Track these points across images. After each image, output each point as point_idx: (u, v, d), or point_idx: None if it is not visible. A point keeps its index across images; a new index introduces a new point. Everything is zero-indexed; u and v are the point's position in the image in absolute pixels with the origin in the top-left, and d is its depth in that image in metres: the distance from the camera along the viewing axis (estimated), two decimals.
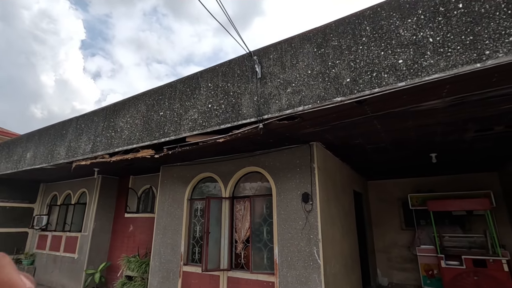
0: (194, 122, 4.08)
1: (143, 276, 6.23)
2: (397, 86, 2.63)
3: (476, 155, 5.64)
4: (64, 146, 6.09)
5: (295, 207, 4.47)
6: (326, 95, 3.02)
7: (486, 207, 5.95)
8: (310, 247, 4.18)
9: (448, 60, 2.41)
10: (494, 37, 2.26)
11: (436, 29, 2.52)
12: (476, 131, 4.19)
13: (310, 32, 3.34)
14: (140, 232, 7.27)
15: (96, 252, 7.55)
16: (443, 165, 6.38)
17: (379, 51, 2.79)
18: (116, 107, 5.38)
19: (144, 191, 7.66)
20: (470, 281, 5.55)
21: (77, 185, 8.62)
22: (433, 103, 3.07)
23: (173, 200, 5.96)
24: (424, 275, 6.59)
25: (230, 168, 5.39)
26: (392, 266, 8.06)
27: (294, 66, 3.35)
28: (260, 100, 3.50)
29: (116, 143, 5.05)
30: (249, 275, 4.66)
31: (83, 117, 6.00)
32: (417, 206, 7.30)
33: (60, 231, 8.37)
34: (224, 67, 4.01)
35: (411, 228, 7.80)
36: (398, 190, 8.39)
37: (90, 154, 5.41)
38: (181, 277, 5.35)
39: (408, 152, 5.39)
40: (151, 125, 4.62)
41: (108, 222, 7.95)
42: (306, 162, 4.57)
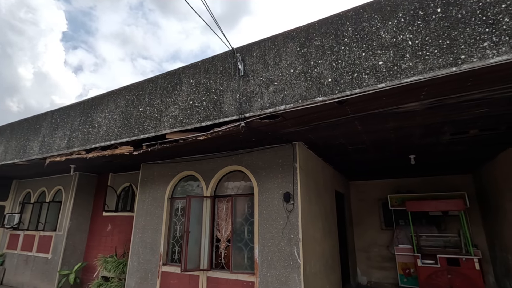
0: (174, 118, 3.98)
1: (120, 276, 6.05)
2: (377, 87, 2.65)
3: (452, 157, 5.84)
4: (38, 141, 5.81)
5: (277, 207, 4.46)
6: (308, 95, 3.02)
7: (460, 208, 6.17)
8: (290, 247, 4.18)
9: (426, 63, 2.46)
10: (469, 42, 2.32)
11: (415, 32, 2.57)
12: (452, 134, 4.33)
13: (293, 31, 3.33)
14: (119, 232, 7.06)
15: (71, 252, 7.27)
16: (421, 166, 6.56)
17: (361, 52, 2.81)
18: (94, 102, 5.18)
19: (124, 189, 7.43)
20: (444, 279, 5.75)
21: (52, 182, 8.26)
22: (411, 105, 3.13)
23: (153, 199, 5.81)
24: (401, 273, 6.76)
25: (212, 166, 5.31)
26: (371, 265, 8.23)
27: (277, 65, 3.33)
28: (242, 98, 3.46)
29: (94, 139, 4.86)
30: (229, 275, 4.61)
31: (59, 111, 5.75)
32: (396, 207, 7.48)
33: (33, 230, 7.98)
34: (207, 64, 3.94)
35: (390, 228, 7.99)
36: (378, 190, 8.58)
37: (65, 150, 5.19)
38: (159, 277, 5.23)
39: (388, 153, 5.51)
40: (131, 121, 4.48)
41: (85, 221, 7.67)
42: (289, 162, 4.56)
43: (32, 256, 7.71)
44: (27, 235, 8.12)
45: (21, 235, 8.25)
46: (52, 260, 7.21)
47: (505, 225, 5.62)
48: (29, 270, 7.62)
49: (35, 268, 7.51)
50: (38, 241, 7.77)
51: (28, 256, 7.79)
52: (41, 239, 7.74)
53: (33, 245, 7.82)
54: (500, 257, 6.12)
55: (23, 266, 7.81)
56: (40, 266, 7.42)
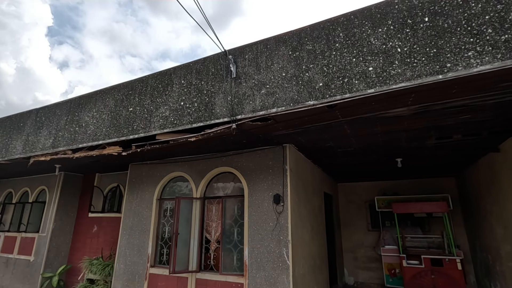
0: (165, 119, 3.94)
1: (107, 279, 5.93)
2: (366, 92, 2.71)
3: (436, 161, 6.01)
4: (21, 139, 5.63)
5: (267, 208, 4.48)
6: (299, 98, 3.05)
7: (444, 210, 6.36)
8: (279, 248, 4.21)
9: (414, 70, 2.53)
10: (455, 51, 2.41)
11: (404, 40, 2.64)
12: (437, 138, 4.46)
13: (286, 35, 3.36)
14: (105, 233, 6.91)
15: (55, 254, 7.06)
16: (407, 169, 6.73)
17: (351, 58, 2.87)
18: (82, 100, 5.07)
19: (111, 189, 7.29)
20: (428, 279, 5.91)
21: (36, 182, 8.01)
22: (399, 111, 3.21)
23: (141, 200, 5.73)
24: (387, 274, 6.91)
25: (202, 167, 5.29)
26: (358, 266, 8.36)
27: (269, 68, 3.35)
28: (234, 100, 3.46)
29: (80, 138, 4.75)
30: (218, 276, 4.59)
31: (44, 110, 5.59)
32: (383, 208, 7.64)
33: (14, 231, 7.71)
34: (199, 65, 3.92)
35: (377, 229, 8.15)
36: (366, 192, 8.73)
37: (50, 149, 5.05)
38: (147, 279, 5.15)
39: (375, 156, 5.62)
40: (119, 121, 4.40)
41: (69, 222, 7.47)
42: (279, 164, 4.59)
43: (13, 258, 7.45)
44: (7, 237, 7.84)
45: (1, 236, 7.96)
46: (35, 263, 6.99)
47: (486, 227, 5.84)
48: (10, 273, 7.35)
49: (16, 270, 7.26)
50: (20, 242, 7.52)
51: (9, 259, 7.52)
52: (23, 241, 7.48)
53: (14, 247, 7.56)
54: (480, 257, 6.35)
55: (3, 269, 7.53)
56: (22, 268, 7.17)
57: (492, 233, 5.56)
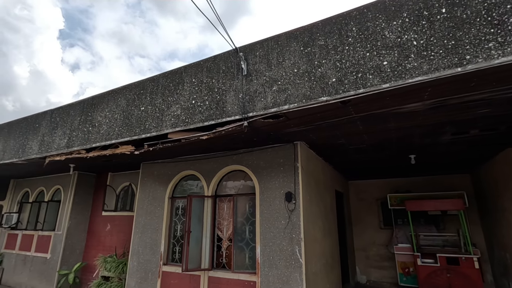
0: (176, 118, 3.96)
1: (121, 276, 6.02)
2: (381, 87, 2.65)
3: (451, 157, 5.86)
4: (37, 140, 5.76)
5: (278, 206, 4.46)
6: (311, 94, 3.01)
7: (460, 207, 6.21)
8: (292, 246, 4.19)
9: (431, 64, 2.46)
10: (474, 43, 2.33)
11: (420, 32, 2.57)
12: (453, 134, 4.34)
13: (297, 31, 3.32)
14: (118, 231, 7.02)
15: (70, 252, 7.22)
16: (420, 166, 6.59)
17: (365, 52, 2.81)
18: (94, 101, 5.15)
19: (123, 188, 7.40)
20: (443, 278, 5.78)
21: (51, 181, 8.20)
22: (414, 106, 3.14)
23: (154, 198, 5.79)
24: (401, 272, 6.80)
25: (213, 166, 5.30)
26: (370, 264, 8.26)
27: (280, 64, 3.32)
28: (245, 97, 3.45)
29: (94, 138, 4.83)
30: (230, 274, 4.61)
31: (58, 110, 5.70)
32: (395, 206, 7.51)
33: (31, 230, 7.93)
34: (209, 63, 3.92)
35: (389, 227, 8.03)
36: (377, 190, 8.61)
37: (65, 149, 5.15)
38: (160, 277, 5.21)
39: (388, 153, 5.52)
40: (132, 121, 4.45)
41: (84, 220, 7.63)
42: (290, 162, 4.56)
43: (30, 256, 7.66)
44: (25, 235, 8.06)
45: (19, 234, 8.19)
46: (51, 260, 7.16)
47: (504, 225, 5.67)
48: (28, 270, 7.57)
49: (34, 268, 7.46)
50: (37, 240, 7.72)
51: (27, 256, 7.74)
52: (39, 239, 7.68)
53: (31, 245, 7.77)
54: (498, 256, 6.17)
55: (21, 266, 7.75)
56: (39, 266, 7.36)
57: (510, 231, 5.40)
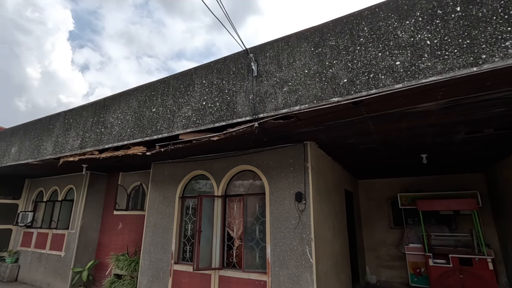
0: (187, 119, 4.00)
1: (133, 274, 6.13)
2: (394, 87, 2.63)
3: (464, 156, 5.76)
4: (51, 141, 5.90)
5: (288, 206, 4.47)
6: (323, 95, 3.01)
7: (473, 207, 6.10)
8: (302, 246, 4.19)
9: (445, 63, 2.42)
10: (490, 42, 2.28)
11: (434, 31, 2.53)
12: (467, 133, 4.27)
13: (307, 31, 3.31)
14: (130, 230, 7.14)
15: (83, 250, 7.39)
16: (431, 165, 6.50)
17: (377, 52, 2.79)
18: (106, 102, 5.24)
19: (134, 188, 7.51)
20: (456, 279, 5.70)
21: (64, 181, 8.38)
22: (427, 105, 3.10)
23: (164, 198, 5.87)
24: (412, 273, 6.73)
25: (223, 166, 5.34)
26: (380, 264, 8.19)
27: (291, 65, 3.32)
28: (256, 98, 3.46)
29: (106, 139, 4.92)
30: (241, 274, 4.64)
31: (71, 112, 5.82)
32: (406, 205, 7.42)
33: (46, 228, 8.14)
34: (219, 64, 3.94)
35: (400, 227, 7.94)
36: (387, 189, 8.52)
37: (78, 150, 5.26)
38: (171, 276, 5.29)
39: (399, 152, 5.46)
40: (143, 122, 4.51)
41: (96, 219, 7.78)
42: (300, 162, 4.56)
43: (45, 253, 7.86)
44: (40, 233, 8.28)
45: (35, 233, 8.42)
46: (65, 258, 7.34)
47: None
48: (43, 267, 7.77)
49: (49, 265, 7.65)
50: (51, 239, 7.92)
51: (42, 254, 7.94)
52: (54, 237, 7.88)
53: (46, 243, 7.97)
54: None
55: (36, 264, 7.97)
56: (53, 263, 7.56)
57: None
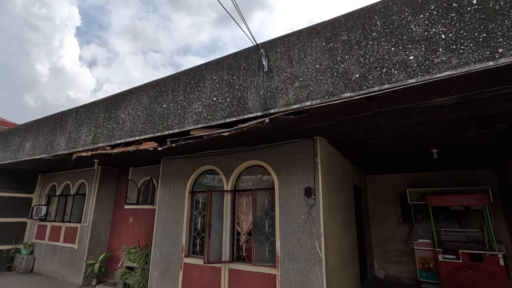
0: (198, 115, 4.04)
1: (144, 267, 6.27)
2: (407, 83, 2.61)
3: (475, 151, 5.69)
4: (64, 137, 6.02)
5: (298, 201, 4.50)
6: (334, 91, 3.00)
7: (484, 203, 6.03)
8: (312, 241, 4.23)
9: (460, 58, 2.40)
10: (508, 35, 2.25)
11: (449, 25, 2.50)
12: (479, 128, 4.22)
13: (318, 26, 3.30)
14: (140, 224, 7.29)
15: (96, 243, 7.57)
16: (442, 160, 6.43)
17: (390, 47, 2.77)
18: (118, 98, 5.31)
19: (144, 182, 7.63)
20: (466, 274, 5.67)
21: (76, 176, 8.57)
22: (441, 100, 3.07)
23: (174, 192, 5.95)
24: (420, 268, 6.72)
25: (232, 161, 5.38)
26: (389, 259, 8.20)
27: (302, 60, 3.31)
28: (267, 94, 3.47)
29: (118, 135, 5.00)
30: (251, 267, 4.71)
31: (83, 108, 5.92)
32: (415, 201, 7.38)
33: (59, 221, 8.36)
34: (230, 60, 3.96)
35: (408, 223, 7.91)
36: (396, 184, 8.48)
37: (91, 145, 5.36)
38: (182, 269, 5.39)
39: (410, 147, 5.42)
40: (154, 118, 4.57)
41: (107, 213, 7.95)
42: (309, 157, 4.57)
43: (59, 246, 8.09)
44: (54, 226, 8.51)
45: (48, 226, 8.65)
46: (79, 250, 7.54)
47: None
48: (57, 259, 8.00)
49: (63, 257, 7.88)
50: (65, 232, 8.13)
51: (56, 246, 8.18)
52: (67, 230, 8.09)
53: (60, 236, 8.19)
54: None
55: (51, 256, 8.21)
56: (67, 255, 7.77)
57: None
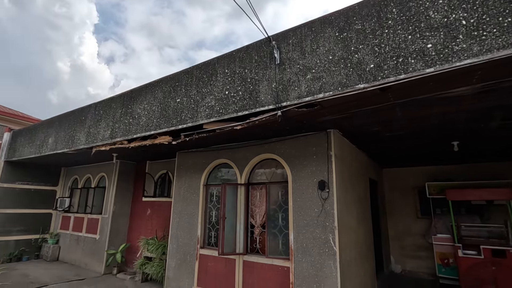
0: (211, 109, 4.07)
1: (161, 257, 6.48)
2: (425, 72, 2.51)
3: (499, 143, 5.43)
4: (84, 132, 6.24)
5: (311, 195, 4.47)
6: (348, 82, 2.93)
7: (509, 197, 5.77)
8: (326, 234, 4.21)
9: (483, 44, 2.27)
10: None
11: (471, 10, 2.37)
12: (503, 119, 4.02)
13: (331, 16, 3.21)
14: (158, 216, 7.50)
15: (115, 234, 7.87)
16: (463, 153, 6.18)
17: (406, 35, 2.66)
18: (133, 94, 5.43)
19: (161, 176, 7.82)
20: (488, 271, 5.48)
21: (96, 169, 8.90)
22: (461, 90, 2.93)
23: (189, 186, 6.07)
24: (439, 263, 6.55)
25: (245, 154, 5.40)
26: (406, 254, 8.05)
27: (314, 52, 3.25)
28: (279, 87, 3.44)
29: (134, 129, 5.13)
30: (264, 259, 4.76)
31: (101, 104, 6.10)
32: (434, 195, 7.16)
33: (82, 213, 8.75)
34: (241, 53, 3.94)
35: (427, 217, 7.71)
36: (414, 178, 8.26)
37: (109, 140, 5.53)
38: (198, 259, 5.53)
39: (428, 140, 5.24)
40: (168, 112, 4.65)
41: (126, 205, 8.23)
42: (323, 150, 4.51)
43: (82, 236, 8.48)
44: (77, 217, 8.91)
45: (72, 217, 9.07)
46: (100, 240, 7.88)
47: None
48: (80, 248, 8.40)
49: (85, 247, 8.26)
50: (87, 223, 8.51)
51: (79, 236, 8.58)
52: (89, 221, 8.46)
53: (82, 227, 8.58)
54: None
55: (75, 245, 8.63)
56: (90, 245, 8.14)
57: None
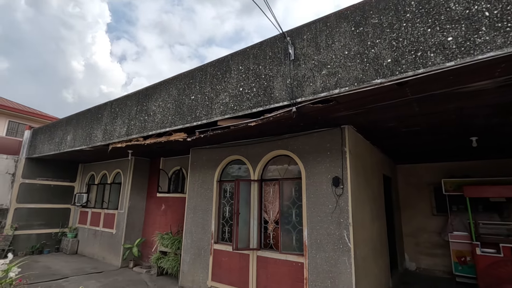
0: (225, 106, 4.10)
1: (176, 252, 6.61)
2: (445, 66, 2.46)
3: None
4: (101, 129, 6.41)
5: (325, 191, 4.46)
6: (364, 77, 2.90)
7: None
8: (340, 231, 4.20)
9: (507, 36, 2.20)
10: None
11: (494, 1, 2.29)
12: None
13: (347, 10, 3.17)
14: (172, 211, 7.64)
15: (131, 229, 8.08)
16: (481, 149, 6.01)
17: (425, 28, 2.60)
18: (148, 91, 5.52)
19: (175, 172, 7.95)
20: (508, 269, 5.34)
21: (112, 166, 9.12)
22: (482, 84, 2.85)
23: (203, 182, 6.15)
24: (456, 261, 6.43)
25: (258, 151, 5.43)
26: (420, 251, 7.93)
27: (329, 47, 3.22)
28: (293, 83, 3.44)
29: (150, 126, 5.23)
30: (278, 255, 4.79)
31: (117, 101, 6.24)
32: (451, 192, 7.00)
33: (99, 208, 9.01)
34: (255, 49, 3.94)
35: (443, 214, 7.55)
36: (429, 174, 8.09)
37: (125, 137, 5.66)
38: (212, 254, 5.62)
39: (446, 135, 5.12)
40: (183, 109, 4.71)
41: (141, 201, 8.42)
42: (337, 146, 4.49)
43: (99, 230, 8.74)
44: (94, 212, 9.19)
45: (89, 212, 9.36)
46: (116, 235, 8.10)
47: None
48: (98, 243, 8.67)
49: (103, 241, 8.51)
50: (104, 218, 8.76)
51: (96, 231, 8.85)
52: (106, 216, 8.70)
53: (99, 221, 8.84)
54: None
55: (92, 239, 8.91)
56: (107, 239, 8.38)
57: None
